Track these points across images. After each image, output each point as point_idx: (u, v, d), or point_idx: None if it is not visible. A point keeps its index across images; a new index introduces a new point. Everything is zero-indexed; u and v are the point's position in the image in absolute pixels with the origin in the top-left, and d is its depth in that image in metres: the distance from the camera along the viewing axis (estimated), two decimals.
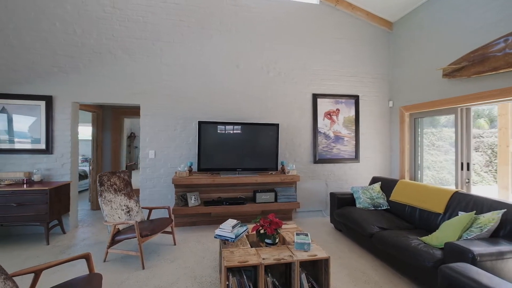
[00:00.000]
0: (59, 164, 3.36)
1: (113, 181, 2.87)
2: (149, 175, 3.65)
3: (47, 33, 3.30)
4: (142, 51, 3.57)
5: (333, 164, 4.35)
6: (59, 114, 3.35)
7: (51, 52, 3.31)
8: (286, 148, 4.16)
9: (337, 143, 4.36)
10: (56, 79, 3.34)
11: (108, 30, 3.46)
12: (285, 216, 4.00)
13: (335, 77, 4.33)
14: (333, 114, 4.35)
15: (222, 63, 3.87)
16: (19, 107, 3.25)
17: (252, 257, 1.97)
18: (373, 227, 2.80)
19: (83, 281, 1.71)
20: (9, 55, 3.22)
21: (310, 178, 4.26)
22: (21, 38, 3.25)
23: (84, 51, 3.40)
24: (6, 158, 3.24)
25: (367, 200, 3.41)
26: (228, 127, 3.70)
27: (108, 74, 3.48)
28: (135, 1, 3.53)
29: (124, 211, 2.84)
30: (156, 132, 3.65)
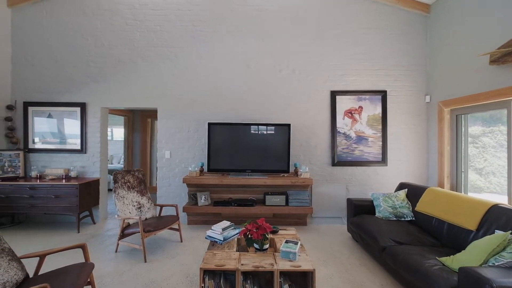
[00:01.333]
0: (91, 162, 3.83)
1: (127, 179, 3.13)
2: (165, 174, 3.87)
3: (81, 47, 3.79)
4: (159, 58, 3.82)
5: (355, 167, 3.96)
6: (91, 118, 3.82)
7: (84, 64, 3.80)
8: (300, 150, 3.95)
9: (360, 144, 3.96)
10: (88, 87, 3.81)
11: (130, 41, 3.81)
12: (299, 222, 3.80)
13: (358, 71, 3.94)
14: (355, 113, 3.96)
15: (233, 64, 3.88)
16: (61, 113, 3.80)
17: (231, 261, 1.90)
18: (388, 240, 2.44)
19: (76, 267, 1.88)
20: (53, 69, 3.80)
21: (327, 182, 3.96)
22: (62, 54, 3.80)
23: (110, 62, 3.81)
24: (51, 157, 3.83)
25: (388, 209, 3.00)
26: (237, 128, 3.69)
27: (129, 80, 3.82)
28: (152, 12, 3.80)
29: (135, 207, 3.07)
30: (171, 133, 3.86)
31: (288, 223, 3.79)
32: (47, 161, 3.83)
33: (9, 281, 1.64)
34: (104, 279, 2.31)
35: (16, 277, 1.70)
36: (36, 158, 3.83)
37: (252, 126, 3.69)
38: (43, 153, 3.83)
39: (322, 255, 2.82)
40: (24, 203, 3.36)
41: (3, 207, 3.37)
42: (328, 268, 2.54)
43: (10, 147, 3.77)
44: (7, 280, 1.63)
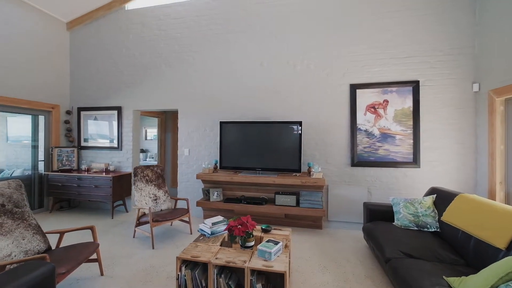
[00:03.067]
0: (125, 158, 4.38)
1: (145, 173, 3.48)
2: (184, 170, 4.16)
3: (117, 59, 4.39)
4: (179, 62, 4.13)
5: (379, 169, 3.54)
6: (125, 120, 4.37)
7: (119, 73, 4.38)
8: (316, 148, 3.74)
9: (385, 143, 3.52)
10: (123, 93, 4.38)
11: (156, 49, 4.23)
12: (313, 224, 3.60)
13: (382, 61, 3.52)
14: (379, 107, 3.54)
15: (246, 63, 3.93)
16: (103, 116, 4.47)
17: (208, 254, 1.94)
18: (395, 251, 2.13)
19: (83, 245, 2.20)
20: (98, 79, 4.50)
21: (346, 184, 3.64)
22: (104, 66, 4.47)
23: (139, 69, 4.30)
24: (97, 153, 4.53)
25: (408, 217, 2.60)
26: (248, 126, 3.71)
27: (155, 85, 4.24)
28: (174, 21, 4.13)
29: (151, 198, 3.39)
30: (189, 132, 4.13)
31: (301, 225, 3.63)
32: (94, 156, 4.55)
33: (31, 250, 2.02)
34: (115, 259, 2.62)
35: (38, 247, 2.08)
36: (86, 154, 4.59)
37: (262, 124, 3.66)
38: (90, 149, 4.56)
39: (325, 261, 2.62)
40: (74, 191, 4.07)
41: (60, 193, 4.15)
42: (325, 276, 2.35)
43: (68, 145, 4.61)
44: (29, 249, 2.01)
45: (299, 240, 3.18)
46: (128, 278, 2.27)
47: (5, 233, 1.90)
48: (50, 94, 4.33)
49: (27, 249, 1.99)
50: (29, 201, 4.16)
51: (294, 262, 2.61)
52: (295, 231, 3.48)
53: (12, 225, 1.97)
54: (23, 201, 2.14)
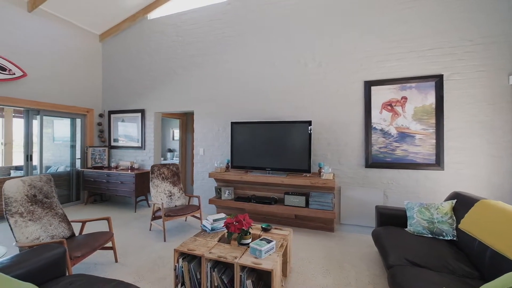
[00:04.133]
0: (147, 156, 4.73)
1: (162, 171, 3.73)
2: (200, 169, 4.35)
3: (140, 65, 4.76)
4: (194, 66, 4.34)
5: (396, 170, 3.32)
6: (148, 121, 4.72)
7: (142, 78, 4.75)
8: (328, 149, 3.63)
9: (403, 143, 3.28)
10: (146, 96, 4.73)
11: (174, 55, 4.49)
12: (325, 227, 3.51)
13: (400, 55, 3.29)
14: (396, 105, 3.32)
15: (257, 64, 3.97)
16: (129, 118, 4.88)
17: (203, 248, 2.03)
18: (400, 258, 1.99)
19: (100, 234, 2.45)
20: (124, 84, 4.92)
21: (360, 186, 3.47)
22: (129, 72, 4.88)
23: (159, 74, 4.61)
24: (124, 152, 4.96)
25: (422, 223, 2.40)
26: (258, 126, 3.74)
27: (173, 88, 4.51)
28: (190, 27, 4.35)
29: (166, 195, 3.61)
30: (204, 132, 4.30)
31: (311, 227, 3.56)
32: (121, 155, 4.99)
33: (57, 235, 2.32)
34: (129, 249, 2.86)
35: (62, 233, 2.38)
36: (115, 153, 5.06)
37: (272, 124, 3.67)
38: (119, 149, 5.01)
39: (328, 264, 2.54)
40: (103, 186, 4.51)
41: (93, 187, 4.64)
42: (326, 279, 2.29)
43: (100, 144, 5.12)
44: (55, 234, 2.31)
45: (307, 241, 3.12)
46: (137, 266, 2.47)
47: (35, 219, 2.21)
48: (85, 99, 4.87)
49: (53, 234, 2.29)
50: (68, 194, 4.72)
51: (296, 263, 2.58)
52: (305, 232, 3.42)
53: (41, 213, 2.29)
54: (52, 192, 2.46)
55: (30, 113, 4.10)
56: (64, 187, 4.73)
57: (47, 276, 1.56)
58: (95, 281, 1.56)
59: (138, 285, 2.15)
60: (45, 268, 1.57)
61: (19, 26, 3.83)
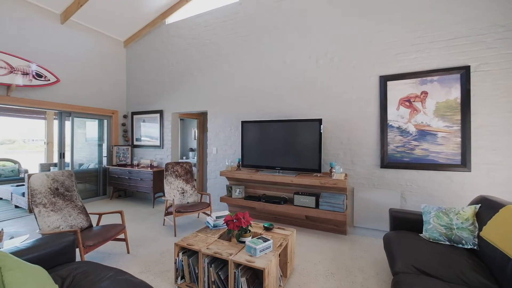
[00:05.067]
0: (165, 155, 4.96)
1: (175, 168, 3.88)
2: (213, 167, 4.44)
3: (159, 68, 5.00)
4: (208, 67, 4.44)
5: (415, 171, 3.07)
6: (166, 121, 4.94)
7: (161, 81, 4.99)
8: (340, 148, 3.48)
9: (423, 141, 3.03)
10: (164, 98, 4.96)
11: (189, 57, 4.65)
12: (336, 229, 3.38)
13: (420, 46, 3.04)
14: (416, 100, 3.07)
15: (269, 62, 3.94)
16: (150, 119, 5.15)
17: (202, 244, 2.07)
18: (407, 265, 1.84)
19: (113, 226, 2.62)
20: (145, 86, 5.21)
21: (374, 187, 3.27)
22: (149, 75, 5.16)
23: (176, 76, 4.80)
24: (145, 150, 5.25)
25: (439, 229, 2.20)
26: (268, 125, 3.72)
27: (188, 89, 4.67)
28: (204, 29, 4.47)
29: (179, 192, 3.75)
30: (217, 132, 4.39)
31: (323, 228, 3.44)
32: (143, 153, 5.29)
33: (75, 225, 2.53)
34: (142, 241, 3.02)
35: (81, 224, 2.59)
36: (137, 151, 5.38)
37: (282, 122, 3.61)
38: (141, 148, 5.32)
39: (335, 268, 2.44)
40: (126, 182, 4.83)
41: (117, 183, 4.98)
42: (329, 282, 2.19)
43: (124, 143, 5.48)
44: (74, 224, 2.52)
45: (316, 243, 3.03)
46: (146, 258, 2.60)
47: (56, 210, 2.44)
48: (111, 101, 5.25)
49: (72, 224, 2.51)
50: (96, 189, 5.12)
51: (301, 264, 2.51)
52: (316, 234, 3.32)
53: (62, 205, 2.52)
54: (72, 186, 2.70)
55: (63, 115, 4.54)
56: (93, 183, 5.15)
57: (56, 261, 1.72)
58: (97, 268, 1.67)
59: (144, 276, 2.26)
60: (55, 254, 1.72)
61: (53, 37, 4.26)
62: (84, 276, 1.59)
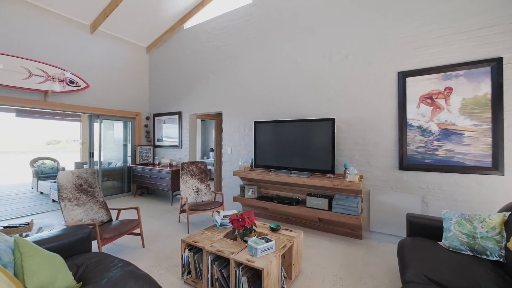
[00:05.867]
0: (183, 155, 5.15)
1: (191, 168, 4.01)
2: (227, 167, 4.51)
3: (178, 71, 5.21)
4: (222, 69, 4.53)
5: (438, 174, 2.84)
6: (184, 122, 5.14)
7: (180, 83, 5.19)
8: (355, 148, 3.34)
9: (447, 141, 2.79)
10: (182, 100, 5.16)
11: (204, 60, 4.79)
12: (351, 233, 3.25)
13: (443, 38, 2.81)
14: (438, 97, 2.84)
15: (281, 61, 3.91)
16: (169, 120, 5.39)
17: (206, 241, 2.12)
18: (418, 274, 1.71)
19: (129, 221, 2.80)
20: (165, 90, 5.47)
21: (393, 190, 3.09)
22: (169, 78, 5.40)
23: (193, 78, 4.96)
24: (165, 150, 5.51)
25: (461, 237, 2.01)
26: (280, 125, 3.69)
27: (204, 91, 4.80)
28: (219, 32, 4.57)
29: (193, 190, 3.87)
30: (231, 132, 4.45)
31: (337, 232, 3.33)
32: (163, 153, 5.55)
33: (96, 219, 2.74)
34: (157, 237, 3.18)
35: (101, 218, 2.80)
36: (159, 151, 5.66)
37: (294, 123, 3.56)
38: (162, 148, 5.59)
39: (344, 273, 2.35)
40: (147, 180, 5.10)
41: (139, 181, 5.29)
42: (335, 287, 2.12)
43: (146, 144, 5.80)
44: (95, 218, 2.73)
45: (328, 246, 2.94)
46: (158, 253, 2.72)
47: (80, 204, 2.67)
48: (135, 104, 5.59)
49: (93, 218, 2.72)
50: (121, 186, 5.47)
51: (309, 267, 2.45)
52: (329, 237, 3.23)
53: (85, 200, 2.74)
54: (95, 183, 2.93)
55: (92, 118, 4.94)
56: (119, 180, 5.52)
57: (74, 251, 1.88)
58: (108, 259, 1.79)
59: (154, 269, 2.38)
60: (73, 244, 1.89)
61: (83, 46, 4.66)
62: (96, 265, 1.71)
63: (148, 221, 3.79)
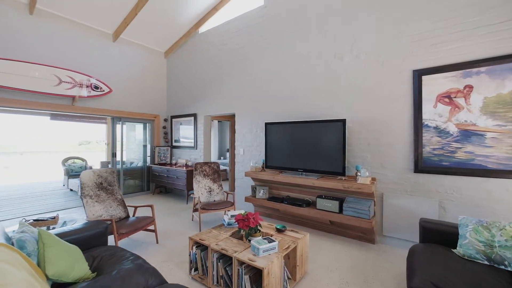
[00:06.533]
0: (199, 155, 5.32)
1: (204, 168, 4.13)
2: (240, 168, 4.59)
3: (193, 75, 5.39)
4: (235, 71, 4.62)
5: (457, 177, 2.68)
6: (199, 124, 5.30)
7: (195, 86, 5.37)
8: (368, 150, 3.25)
9: (467, 143, 2.63)
10: (197, 102, 5.33)
11: (219, 62, 4.91)
12: (364, 237, 3.17)
13: (462, 33, 2.65)
14: (457, 96, 2.68)
15: (293, 62, 3.91)
16: (186, 122, 5.59)
17: (212, 239, 2.20)
18: (425, 281, 1.65)
19: (144, 218, 2.96)
20: (183, 93, 5.68)
21: (407, 194, 2.96)
22: (185, 82, 5.60)
23: (208, 81, 5.11)
24: (182, 151, 5.72)
25: (477, 245, 1.90)
26: (291, 126, 3.68)
27: (219, 93, 4.92)
28: (233, 35, 4.66)
29: (206, 190, 3.99)
30: (244, 133, 4.52)
31: (349, 235, 3.27)
32: (180, 153, 5.77)
33: (115, 215, 2.93)
34: (171, 234, 3.32)
35: (119, 214, 2.99)
36: (176, 152, 5.89)
37: (304, 124, 3.54)
38: (178, 148, 5.82)
39: (351, 277, 2.30)
40: (164, 180, 5.34)
41: (158, 180, 5.54)
42: None
43: (164, 145, 6.06)
44: (113, 214, 2.93)
45: (338, 250, 2.90)
46: (170, 249, 2.85)
47: (100, 201, 2.88)
48: (154, 106, 5.88)
49: (112, 214, 2.91)
50: (142, 185, 5.77)
51: (316, 269, 2.44)
52: (340, 240, 3.17)
53: (105, 197, 2.95)
54: (114, 181, 3.13)
55: (115, 120, 5.27)
56: (139, 179, 5.83)
57: (91, 244, 2.04)
58: (121, 252, 1.93)
59: (165, 264, 2.50)
60: (91, 238, 2.05)
61: (106, 53, 5.00)
62: (110, 258, 1.85)
63: (164, 218, 3.97)
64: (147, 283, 1.54)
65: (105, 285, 1.43)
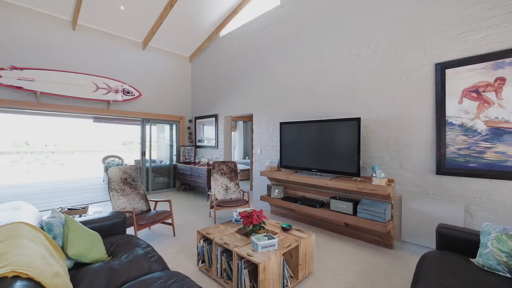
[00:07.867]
0: (219, 155, 5.52)
1: (221, 167, 4.29)
2: (257, 167, 4.66)
3: (215, 76, 5.61)
4: (253, 71, 4.70)
5: (486, 181, 2.42)
6: (220, 124, 5.50)
7: (216, 87, 5.59)
8: (386, 150, 3.08)
9: (498, 142, 2.35)
10: (219, 103, 5.54)
11: (238, 64, 5.04)
12: (380, 241, 3.02)
13: (490, 21, 2.38)
14: (487, 90, 2.42)
15: (308, 61, 3.86)
16: (208, 122, 5.84)
17: (217, 234, 2.31)
18: None
19: (162, 212, 3.19)
20: (206, 95, 5.95)
21: (429, 197, 2.75)
22: (208, 83, 5.85)
23: (228, 82, 5.28)
24: (204, 151, 5.99)
25: (498, 255, 1.72)
26: (305, 125, 3.64)
27: (237, 94, 5.06)
28: (250, 36, 4.76)
29: (223, 188, 4.14)
30: (261, 133, 4.59)
31: (365, 239, 3.13)
32: (203, 153, 6.05)
33: (137, 208, 3.22)
34: (187, 228, 3.53)
35: (141, 208, 3.27)
36: (199, 151, 6.19)
37: (318, 123, 3.48)
38: (201, 148, 6.10)
39: (359, 281, 2.23)
40: (188, 177, 5.64)
41: (182, 178, 5.89)
42: None
43: (189, 144, 6.40)
44: (136, 207, 3.21)
45: (350, 253, 2.80)
46: (185, 242, 3.04)
47: (124, 195, 3.18)
48: (179, 108, 6.25)
49: (134, 207, 3.20)
50: (168, 182, 6.17)
51: (322, 270, 2.40)
52: (355, 243, 3.06)
53: (128, 191, 3.25)
54: (137, 177, 3.44)
55: (144, 122, 5.73)
56: (166, 176, 6.25)
57: (111, 232, 2.29)
58: (135, 240, 2.13)
59: (178, 255, 2.68)
60: (111, 226, 2.30)
61: (137, 61, 5.47)
62: (125, 245, 2.06)
63: (184, 213, 4.22)
64: (150, 268, 1.70)
65: (113, 267, 1.62)
